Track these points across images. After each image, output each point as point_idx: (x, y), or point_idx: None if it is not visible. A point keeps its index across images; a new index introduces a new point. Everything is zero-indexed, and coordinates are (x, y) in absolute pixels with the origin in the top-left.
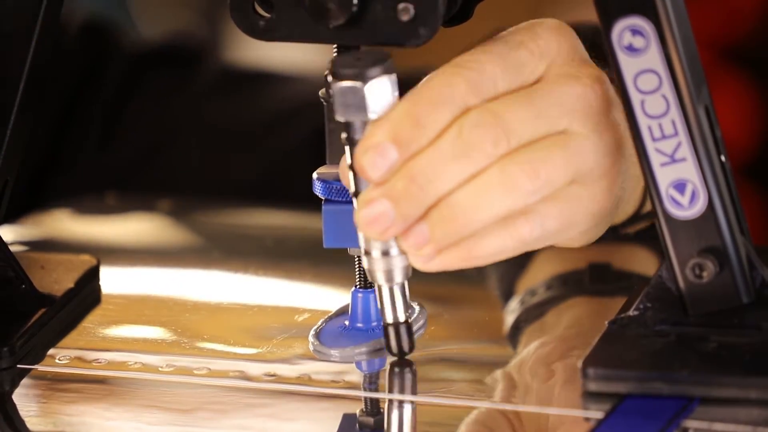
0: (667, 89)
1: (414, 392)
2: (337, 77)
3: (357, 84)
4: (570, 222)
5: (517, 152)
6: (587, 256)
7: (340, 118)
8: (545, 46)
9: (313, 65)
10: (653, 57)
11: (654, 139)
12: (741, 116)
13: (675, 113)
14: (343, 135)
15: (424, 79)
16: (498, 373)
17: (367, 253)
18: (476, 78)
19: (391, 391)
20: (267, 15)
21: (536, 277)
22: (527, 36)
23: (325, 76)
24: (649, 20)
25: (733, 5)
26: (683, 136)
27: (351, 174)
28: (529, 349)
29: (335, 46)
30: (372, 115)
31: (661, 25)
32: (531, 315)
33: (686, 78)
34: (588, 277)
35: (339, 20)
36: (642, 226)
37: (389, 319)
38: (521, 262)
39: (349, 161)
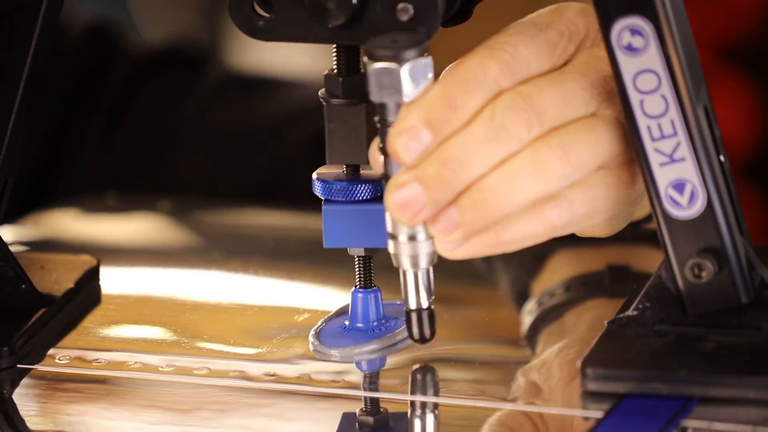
0: (666, 89)
1: (436, 394)
2: (373, 58)
3: (393, 65)
4: (597, 208)
5: (548, 136)
6: (606, 258)
7: (374, 98)
8: (574, 28)
9: (313, 67)
10: (652, 57)
11: (653, 139)
12: (740, 116)
13: (674, 113)
14: (376, 117)
15: (457, 61)
16: (498, 374)
17: (394, 237)
18: (509, 60)
19: (413, 393)
20: (266, 15)
21: (553, 279)
22: (555, 17)
23: (326, 75)
24: (648, 20)
25: (733, 5)
26: (682, 136)
27: (382, 157)
28: (536, 350)
29: (335, 46)
30: (406, 97)
31: (661, 25)
32: (549, 316)
33: (685, 78)
34: (608, 278)
35: (338, 20)
36: None
37: (412, 305)
38: (536, 263)
39: (380, 144)
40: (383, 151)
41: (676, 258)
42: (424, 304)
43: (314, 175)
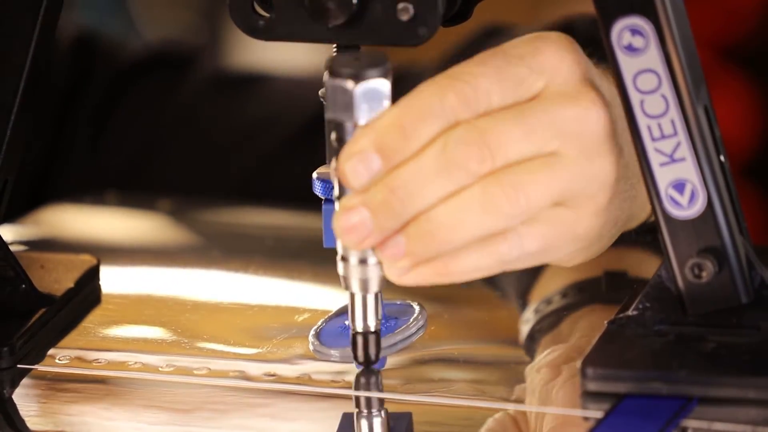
0: (667, 89)
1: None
2: (333, 74)
3: (349, 84)
4: (552, 244)
5: (501, 172)
6: (603, 264)
7: (327, 115)
8: (545, 62)
9: (313, 66)
10: (652, 57)
11: (653, 139)
12: (741, 116)
13: (674, 113)
14: (333, 135)
15: (416, 87)
16: (498, 374)
17: (344, 259)
18: (468, 92)
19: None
20: (266, 14)
21: (551, 286)
22: (528, 50)
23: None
24: (648, 20)
25: (733, 5)
26: (682, 136)
27: (336, 177)
28: (535, 356)
29: (335, 45)
30: (359, 119)
31: (661, 25)
32: (546, 324)
33: (685, 78)
34: (605, 284)
35: (339, 20)
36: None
37: (359, 327)
38: (535, 269)
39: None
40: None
41: (676, 258)
42: (372, 327)
43: (314, 175)
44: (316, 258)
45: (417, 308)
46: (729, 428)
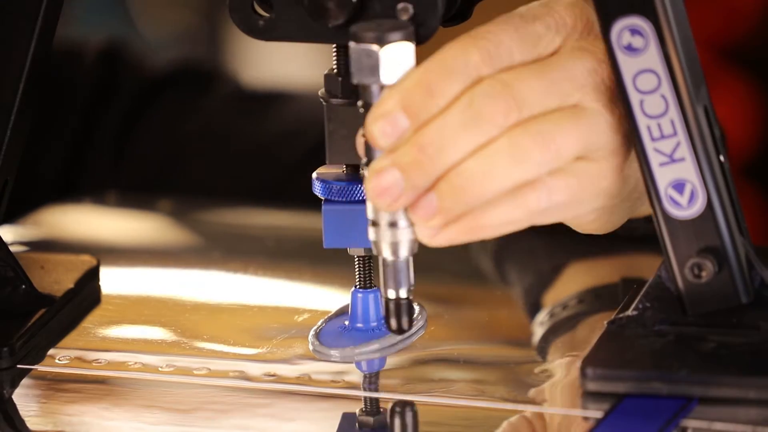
0: (666, 89)
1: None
2: (356, 39)
3: (373, 47)
4: (577, 197)
5: (527, 123)
6: (620, 270)
7: (354, 79)
8: (561, 20)
9: (312, 66)
10: (652, 57)
11: (653, 139)
12: (740, 116)
13: (674, 113)
14: (359, 101)
15: (440, 48)
16: (498, 374)
17: (375, 224)
18: (491, 48)
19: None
20: (266, 15)
21: (566, 290)
22: (543, 10)
23: (326, 74)
24: (648, 20)
25: (733, 5)
26: (682, 136)
27: (363, 141)
28: (547, 359)
29: (335, 46)
30: (384, 80)
31: (660, 25)
32: (562, 328)
33: (685, 78)
34: (621, 291)
35: (338, 20)
36: None
37: (390, 294)
38: (551, 274)
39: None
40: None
41: (676, 258)
42: (403, 295)
43: (314, 175)
44: (316, 258)
45: (417, 308)
46: (729, 428)
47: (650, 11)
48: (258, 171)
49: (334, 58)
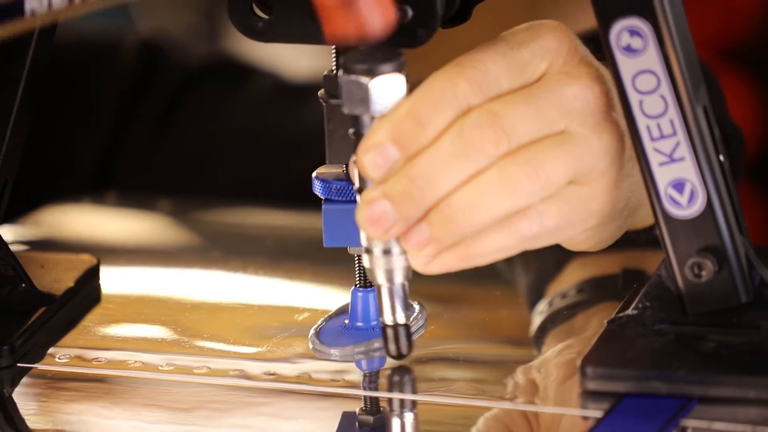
0: (666, 89)
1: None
2: (347, 70)
3: (364, 79)
4: (568, 220)
5: (517, 152)
6: (622, 262)
7: (345, 110)
8: (546, 46)
9: (313, 66)
10: (651, 57)
11: (653, 139)
12: (740, 117)
13: (673, 113)
14: (351, 130)
15: (428, 78)
16: (497, 373)
17: (369, 251)
18: (479, 77)
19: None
20: (266, 16)
21: (567, 281)
22: (528, 36)
23: (325, 75)
24: (647, 21)
25: (732, 6)
26: (682, 136)
27: (356, 170)
28: (542, 349)
29: (333, 47)
30: (376, 112)
31: (659, 26)
32: (560, 318)
33: (684, 78)
34: (621, 282)
35: None
36: None
37: (388, 320)
38: (555, 269)
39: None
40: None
41: (676, 257)
42: (401, 320)
43: (314, 175)
44: (316, 258)
45: (417, 308)
46: (729, 428)
47: (649, 12)
48: (287, 169)
49: (334, 59)
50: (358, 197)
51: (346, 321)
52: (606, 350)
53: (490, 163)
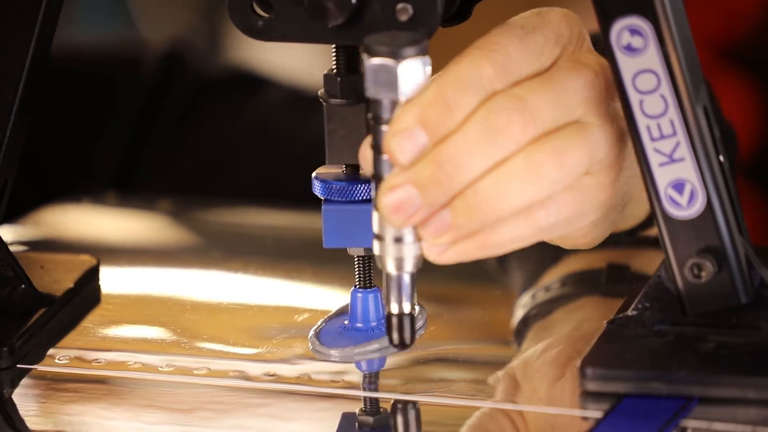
0: (666, 89)
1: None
2: (372, 53)
3: (390, 62)
4: (581, 211)
5: (541, 140)
6: (607, 257)
7: (370, 94)
8: (558, 31)
9: (312, 67)
10: (652, 57)
11: (652, 139)
12: (740, 116)
13: (673, 113)
14: (369, 114)
15: (451, 62)
16: (498, 373)
17: (380, 237)
18: (502, 60)
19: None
20: (266, 15)
21: (554, 274)
22: (540, 21)
23: (325, 75)
24: (647, 20)
25: (732, 6)
26: (682, 136)
27: (371, 155)
28: (532, 348)
29: (334, 46)
30: (402, 95)
31: (660, 25)
32: (541, 311)
33: (685, 78)
34: (605, 276)
35: (338, 20)
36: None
37: (394, 309)
38: (551, 262)
39: (372, 142)
40: (375, 148)
41: (676, 258)
42: (406, 309)
43: (314, 175)
44: (316, 258)
45: (417, 308)
46: (729, 428)
47: (650, 11)
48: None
49: (334, 58)
50: (373, 185)
51: (346, 322)
52: (606, 351)
53: (516, 149)
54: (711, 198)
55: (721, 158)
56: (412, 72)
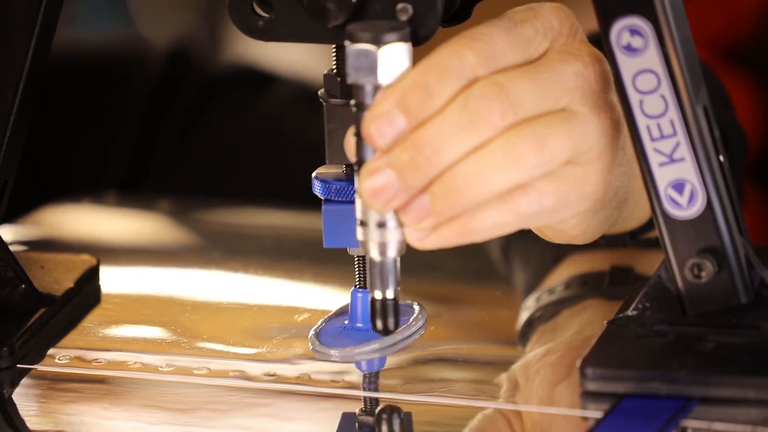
0: (666, 89)
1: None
2: (352, 39)
3: (371, 47)
4: (565, 201)
5: (521, 126)
6: (611, 259)
7: (350, 80)
8: (548, 24)
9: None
10: (652, 57)
11: (653, 139)
12: (741, 117)
13: (673, 113)
14: (352, 101)
15: (435, 49)
16: (497, 374)
17: (363, 223)
18: (485, 49)
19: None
20: (266, 15)
21: (557, 277)
22: (530, 14)
23: (325, 74)
24: (647, 20)
25: (733, 5)
26: (682, 136)
27: (354, 141)
28: (533, 349)
29: (334, 46)
30: (381, 81)
31: (660, 25)
32: (545, 313)
33: (685, 78)
34: (608, 279)
35: (338, 20)
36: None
37: (377, 295)
38: (553, 264)
39: (355, 129)
40: (357, 135)
41: (676, 258)
42: (390, 295)
43: (314, 175)
44: (316, 258)
45: (417, 308)
46: (729, 428)
47: (650, 11)
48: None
49: (334, 58)
50: (356, 175)
51: (346, 322)
52: (606, 351)
53: (495, 135)
54: (711, 198)
55: (721, 158)
56: (392, 57)
